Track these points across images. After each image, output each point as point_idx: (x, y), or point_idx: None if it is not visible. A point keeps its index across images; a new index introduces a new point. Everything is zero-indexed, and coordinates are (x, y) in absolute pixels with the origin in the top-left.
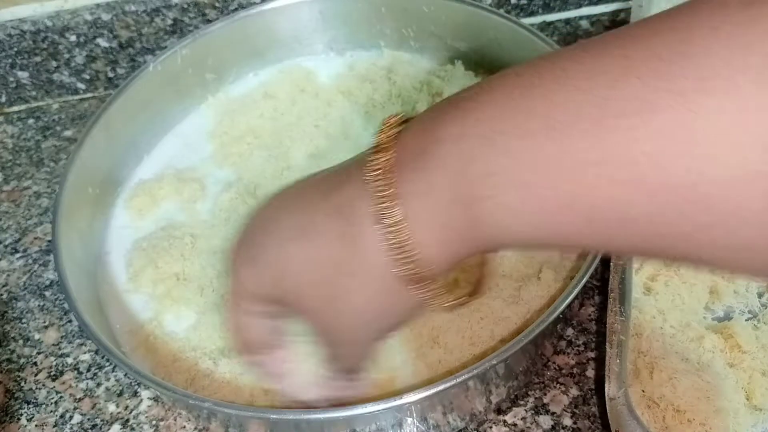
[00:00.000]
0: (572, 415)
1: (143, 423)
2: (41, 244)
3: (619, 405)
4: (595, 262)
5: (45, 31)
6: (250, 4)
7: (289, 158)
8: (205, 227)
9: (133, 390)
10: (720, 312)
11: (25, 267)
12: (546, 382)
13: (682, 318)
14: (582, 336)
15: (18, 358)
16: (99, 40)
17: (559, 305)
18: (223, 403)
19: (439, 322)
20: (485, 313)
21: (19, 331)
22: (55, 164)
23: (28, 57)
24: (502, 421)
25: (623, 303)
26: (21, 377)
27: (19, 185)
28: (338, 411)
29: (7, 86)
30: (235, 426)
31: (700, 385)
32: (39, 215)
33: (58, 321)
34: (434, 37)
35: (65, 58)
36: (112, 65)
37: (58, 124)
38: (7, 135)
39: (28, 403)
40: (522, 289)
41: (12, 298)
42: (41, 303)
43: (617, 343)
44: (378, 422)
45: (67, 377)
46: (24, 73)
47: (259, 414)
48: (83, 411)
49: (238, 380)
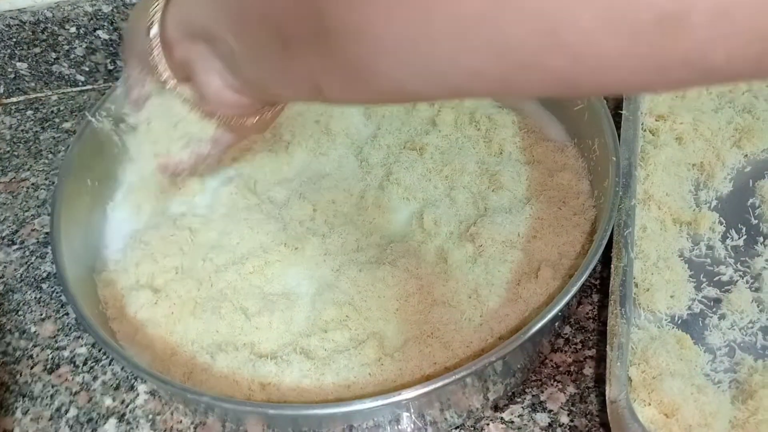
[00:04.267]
0: (569, 413)
1: (140, 417)
2: (38, 236)
3: (620, 408)
4: (594, 260)
5: (45, 22)
6: None
7: (288, 154)
8: (204, 221)
9: (130, 384)
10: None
11: (22, 259)
12: (543, 380)
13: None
14: (580, 334)
15: (14, 351)
16: (99, 32)
17: (558, 303)
18: (222, 398)
19: (438, 318)
20: (484, 311)
21: (15, 323)
22: (54, 156)
23: (28, 48)
24: (499, 419)
25: (624, 305)
26: (16, 370)
27: (16, 176)
28: (336, 407)
29: (6, 77)
30: (232, 420)
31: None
32: (37, 207)
33: (54, 314)
34: None
35: (65, 50)
36: (112, 57)
37: (57, 115)
38: (5, 126)
39: (23, 397)
40: (520, 287)
41: (8, 290)
42: (38, 295)
43: (618, 346)
44: (375, 418)
45: (63, 370)
46: (23, 64)
47: (258, 409)
48: (79, 404)
49: (235, 375)
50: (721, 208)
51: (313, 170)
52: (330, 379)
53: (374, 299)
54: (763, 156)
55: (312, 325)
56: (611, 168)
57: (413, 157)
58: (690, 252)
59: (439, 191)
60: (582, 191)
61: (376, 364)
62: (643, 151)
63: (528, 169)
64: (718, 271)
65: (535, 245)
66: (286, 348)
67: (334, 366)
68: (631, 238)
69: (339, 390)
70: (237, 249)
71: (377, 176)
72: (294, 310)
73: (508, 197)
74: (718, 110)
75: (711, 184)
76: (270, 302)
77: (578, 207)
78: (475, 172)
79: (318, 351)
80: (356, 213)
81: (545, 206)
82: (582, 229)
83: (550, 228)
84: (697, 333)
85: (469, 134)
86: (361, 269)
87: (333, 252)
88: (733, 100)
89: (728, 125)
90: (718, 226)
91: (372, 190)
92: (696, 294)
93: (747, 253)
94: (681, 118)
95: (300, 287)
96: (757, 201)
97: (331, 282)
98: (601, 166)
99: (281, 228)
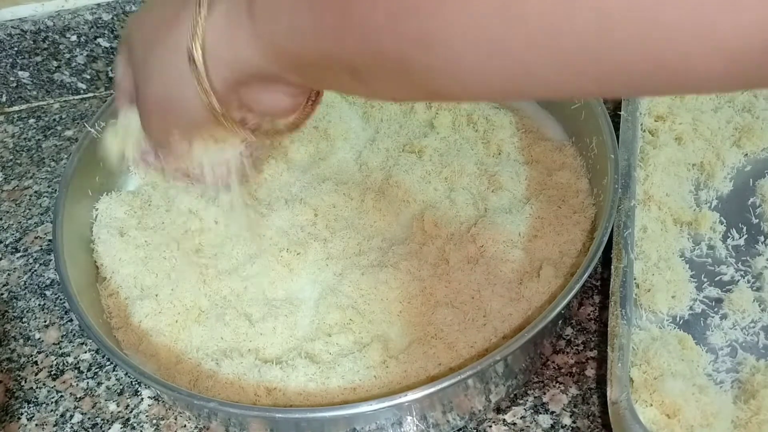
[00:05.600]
0: (571, 415)
1: (144, 422)
2: (42, 244)
3: (621, 409)
4: (596, 258)
5: (46, 30)
6: None
7: (288, 159)
8: (205, 228)
9: (134, 389)
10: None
11: (26, 266)
12: (545, 382)
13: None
14: (581, 335)
15: (18, 357)
16: (100, 40)
17: (562, 300)
18: (229, 403)
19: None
20: (487, 311)
21: (19, 330)
22: (56, 164)
23: (29, 57)
24: (501, 420)
25: (624, 306)
26: (21, 376)
27: (19, 185)
28: (339, 410)
29: (8, 86)
30: (235, 425)
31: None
32: (40, 215)
33: (58, 320)
34: None
35: (66, 58)
36: (113, 65)
37: (58, 123)
38: (8, 134)
39: (28, 403)
40: (522, 286)
41: (12, 297)
42: (42, 302)
43: (618, 347)
44: (378, 421)
45: (67, 376)
46: (25, 72)
47: (264, 413)
48: (84, 410)
49: (241, 381)
50: (722, 208)
51: (313, 175)
52: (335, 383)
53: (377, 302)
54: (763, 155)
55: (316, 330)
56: (610, 165)
57: (412, 159)
58: (691, 252)
59: (438, 193)
60: (581, 189)
61: (380, 366)
62: (643, 151)
63: (527, 169)
64: (719, 270)
65: (536, 244)
66: (290, 353)
67: (339, 369)
68: (631, 239)
69: (344, 393)
70: (239, 255)
71: (377, 179)
72: (298, 315)
73: (508, 197)
74: (717, 109)
75: (711, 184)
76: (274, 308)
77: (578, 205)
78: (474, 173)
79: (323, 355)
80: (357, 217)
81: (545, 205)
82: (582, 227)
83: (550, 227)
84: (698, 333)
85: (467, 135)
86: (364, 272)
87: (335, 256)
88: (733, 99)
89: (728, 124)
90: (719, 225)
91: (372, 194)
92: (697, 294)
93: (748, 252)
94: (680, 118)
95: (303, 292)
96: (757, 200)
97: (334, 286)
98: (599, 164)
99: (283, 233)
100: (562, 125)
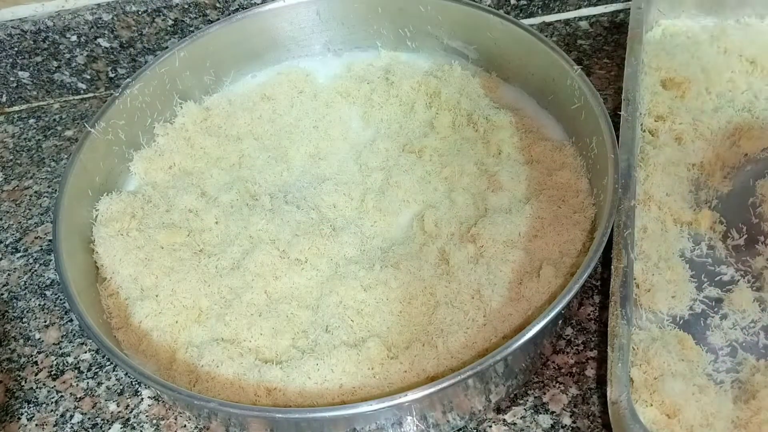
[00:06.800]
0: (571, 414)
1: (144, 422)
2: (42, 244)
3: (621, 409)
4: (595, 258)
5: (46, 31)
6: (251, 5)
7: (288, 159)
8: (206, 229)
9: (134, 389)
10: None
11: (26, 266)
12: (545, 382)
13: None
14: (581, 335)
15: (18, 358)
16: (100, 40)
17: (562, 299)
18: (229, 403)
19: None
20: (487, 311)
21: (19, 330)
22: (56, 164)
23: (29, 57)
24: (501, 420)
25: (624, 306)
26: (21, 376)
27: (20, 185)
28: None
29: (8, 86)
30: (235, 425)
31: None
32: (40, 215)
33: (58, 320)
34: (431, 38)
35: (66, 58)
36: (113, 65)
37: (59, 123)
38: (8, 135)
39: (28, 403)
40: (523, 286)
41: (13, 297)
42: (42, 302)
43: (618, 347)
44: (378, 421)
45: (67, 376)
46: (25, 72)
47: (264, 413)
48: (84, 410)
49: (241, 381)
50: (722, 208)
51: (314, 175)
52: (335, 383)
53: (378, 302)
54: (763, 155)
55: (316, 329)
56: (610, 165)
57: (412, 159)
58: (691, 252)
59: (439, 193)
60: (581, 189)
61: (380, 366)
62: (643, 151)
63: (527, 169)
64: (719, 270)
65: (536, 244)
66: (290, 353)
67: (340, 369)
68: (631, 239)
69: (344, 393)
70: (239, 256)
71: (377, 180)
72: (298, 315)
73: (508, 197)
74: (717, 110)
75: (711, 184)
76: (274, 308)
77: (578, 205)
78: (474, 173)
79: (323, 355)
80: (357, 217)
81: (545, 205)
82: (582, 227)
83: (550, 227)
84: (698, 333)
85: (467, 136)
86: (364, 272)
87: (335, 256)
88: (733, 99)
89: (728, 125)
90: (719, 225)
91: (372, 194)
92: (697, 294)
93: (748, 252)
94: (680, 118)
95: (303, 292)
96: (757, 200)
97: (334, 286)
98: (599, 163)
99: (283, 234)
100: (562, 125)
